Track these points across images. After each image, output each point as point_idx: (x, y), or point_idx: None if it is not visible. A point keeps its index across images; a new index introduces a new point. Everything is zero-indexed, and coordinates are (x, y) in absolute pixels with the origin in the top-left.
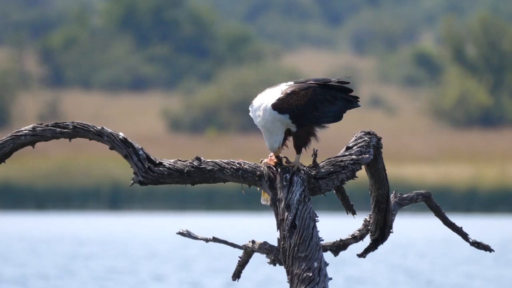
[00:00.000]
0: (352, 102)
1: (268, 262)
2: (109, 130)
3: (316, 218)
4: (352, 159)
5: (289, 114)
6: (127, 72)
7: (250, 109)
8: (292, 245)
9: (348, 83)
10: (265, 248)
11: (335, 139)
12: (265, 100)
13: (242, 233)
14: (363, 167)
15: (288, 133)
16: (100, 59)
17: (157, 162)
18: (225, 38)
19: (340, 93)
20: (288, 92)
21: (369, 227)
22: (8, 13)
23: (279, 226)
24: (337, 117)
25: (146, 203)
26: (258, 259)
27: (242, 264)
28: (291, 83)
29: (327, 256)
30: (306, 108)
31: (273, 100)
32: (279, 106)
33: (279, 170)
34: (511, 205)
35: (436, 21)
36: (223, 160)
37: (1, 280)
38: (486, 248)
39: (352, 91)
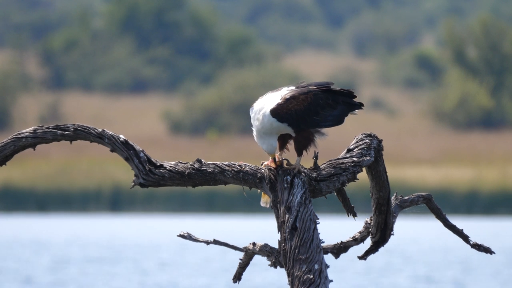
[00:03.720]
0: (355, 105)
1: (269, 265)
2: (110, 133)
3: (317, 220)
4: (353, 161)
5: (288, 121)
6: (128, 74)
7: (250, 111)
8: (292, 247)
9: (353, 92)
10: (265, 250)
11: (336, 141)
12: (264, 105)
13: (242, 235)
14: (364, 169)
15: (288, 136)
16: (101, 61)
17: (158, 164)
18: (226, 40)
19: (343, 97)
20: (287, 97)
21: (370, 229)
22: (9, 15)
23: (280, 228)
24: (339, 121)
25: (147, 205)
26: (259, 261)
27: (243, 266)
28: (293, 87)
29: (328, 258)
30: (305, 112)
31: (272, 105)
32: (278, 112)
33: (280, 172)
34: None
35: (437, 23)
36: (224, 162)
37: (2, 282)
38: (487, 250)
39: (355, 96)
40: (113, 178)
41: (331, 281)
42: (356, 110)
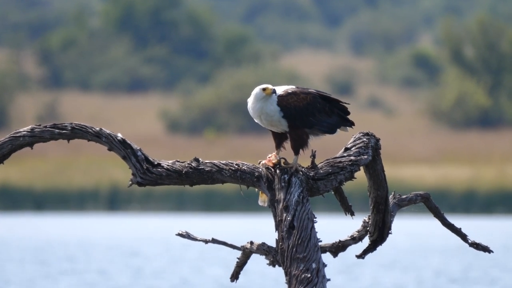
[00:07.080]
0: (347, 121)
1: (267, 264)
2: (108, 131)
3: (315, 219)
4: (350, 160)
5: (285, 111)
6: (125, 73)
7: (248, 101)
8: (290, 246)
9: (348, 104)
10: (263, 249)
11: (333, 140)
12: None
13: (240, 234)
14: (361, 168)
15: (285, 136)
16: (99, 60)
17: (156, 163)
18: (224, 39)
19: (338, 110)
20: (289, 92)
21: (368, 228)
22: (7, 14)
23: (278, 227)
24: (332, 130)
25: (145, 204)
26: (258, 260)
27: (240, 265)
28: (293, 87)
29: (326, 257)
30: (303, 111)
31: None
32: (278, 103)
33: (277, 171)
34: (509, 206)
35: (434, 22)
36: (221, 161)
37: (2, 282)
38: (485, 249)
39: (349, 113)
40: (111, 177)
41: (329, 280)
42: (347, 127)
